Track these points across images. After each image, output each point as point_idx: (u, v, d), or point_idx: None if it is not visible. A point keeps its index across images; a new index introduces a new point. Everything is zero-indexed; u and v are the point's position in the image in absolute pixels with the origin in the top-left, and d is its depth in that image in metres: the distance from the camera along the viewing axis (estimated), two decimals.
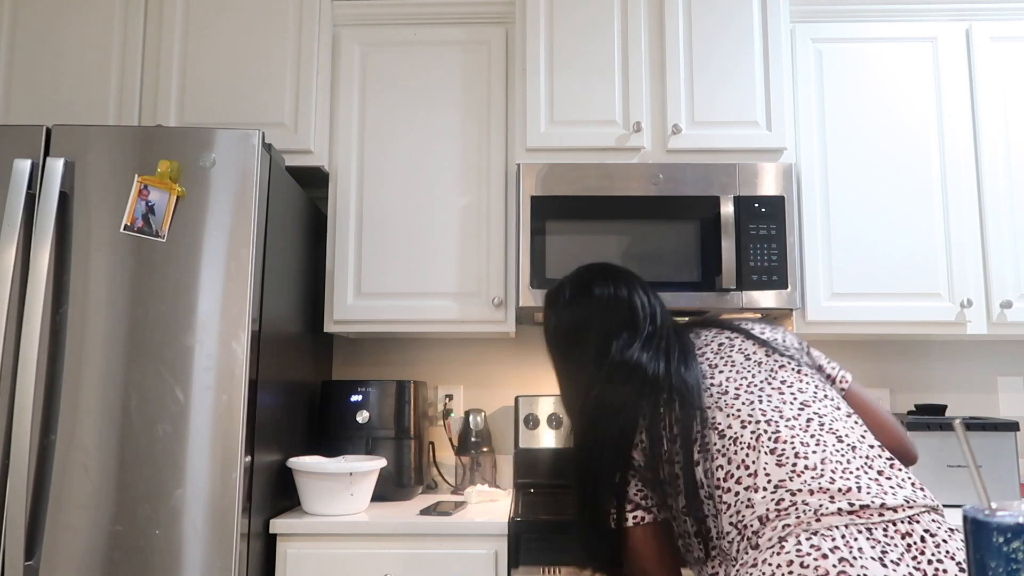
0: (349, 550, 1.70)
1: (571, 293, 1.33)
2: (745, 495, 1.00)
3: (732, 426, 1.07)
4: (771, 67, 2.09)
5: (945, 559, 0.90)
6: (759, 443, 1.03)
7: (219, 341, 1.58)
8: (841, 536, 0.91)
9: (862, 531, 0.92)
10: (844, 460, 1.01)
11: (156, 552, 1.51)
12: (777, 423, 1.05)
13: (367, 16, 2.22)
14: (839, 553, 0.89)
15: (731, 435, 1.06)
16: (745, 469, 1.02)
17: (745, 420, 1.07)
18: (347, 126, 2.16)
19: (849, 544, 0.90)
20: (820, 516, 0.94)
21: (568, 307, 1.32)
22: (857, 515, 0.94)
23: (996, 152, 2.10)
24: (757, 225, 1.99)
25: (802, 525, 0.94)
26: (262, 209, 1.68)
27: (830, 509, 0.94)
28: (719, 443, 1.06)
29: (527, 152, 2.09)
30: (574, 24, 2.12)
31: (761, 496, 0.99)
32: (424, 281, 2.10)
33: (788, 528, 0.94)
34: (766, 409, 1.08)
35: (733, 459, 1.04)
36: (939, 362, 2.37)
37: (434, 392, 2.39)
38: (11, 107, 2.10)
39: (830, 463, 1.00)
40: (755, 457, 1.02)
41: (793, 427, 1.05)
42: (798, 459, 1.01)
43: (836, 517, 0.93)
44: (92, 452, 1.54)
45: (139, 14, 2.14)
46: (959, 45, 2.15)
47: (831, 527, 0.92)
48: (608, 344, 1.21)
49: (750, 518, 0.98)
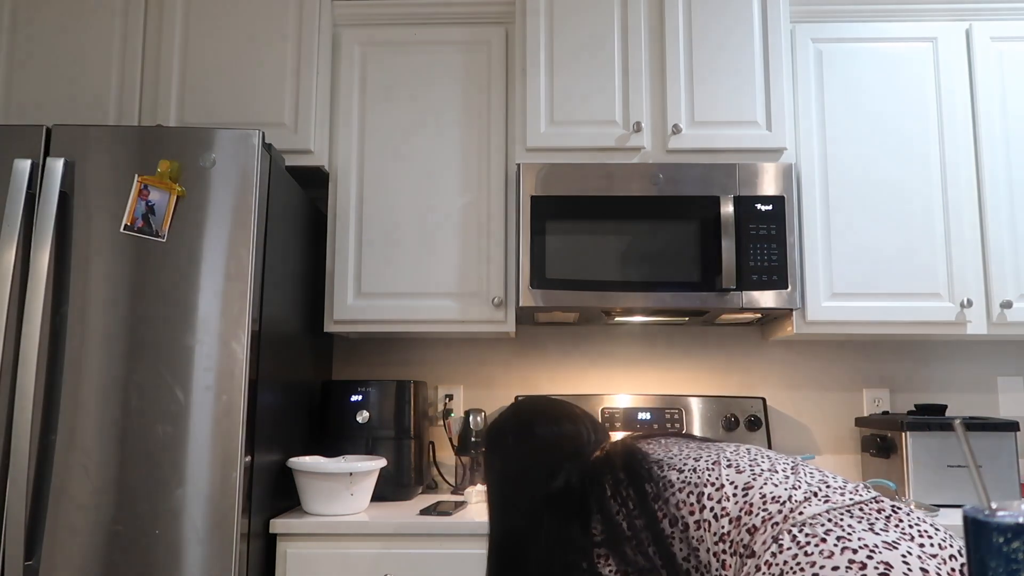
0: (349, 550, 1.70)
1: (514, 437, 1.32)
2: (714, 509, 1.02)
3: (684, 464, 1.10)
4: (771, 67, 2.09)
5: (920, 523, 0.96)
6: (715, 465, 1.07)
7: (219, 341, 1.58)
8: (828, 520, 0.94)
9: (843, 514, 0.96)
10: (791, 464, 1.09)
11: (156, 552, 1.51)
12: (723, 453, 1.12)
13: (367, 16, 2.22)
14: (835, 533, 0.92)
15: (688, 469, 1.09)
16: (709, 486, 1.05)
17: (694, 458, 1.11)
18: (347, 126, 2.16)
19: (839, 524, 0.93)
20: (801, 509, 0.97)
21: (512, 450, 1.31)
22: (831, 502, 0.98)
23: (996, 152, 2.10)
24: (757, 225, 1.99)
25: (788, 521, 0.96)
26: (262, 209, 1.68)
27: (800, 498, 0.98)
28: (671, 479, 1.08)
29: (527, 152, 2.09)
30: (574, 24, 2.12)
31: (733, 502, 1.01)
32: (424, 281, 2.10)
33: (777, 527, 0.96)
34: (703, 453, 1.13)
35: (684, 487, 1.06)
36: (939, 362, 2.37)
37: (434, 392, 2.39)
38: (11, 107, 2.10)
39: (779, 465, 1.08)
40: (717, 473, 1.06)
41: (736, 451, 1.12)
42: (752, 466, 1.06)
43: (814, 506, 0.97)
44: (92, 452, 1.54)
45: (139, 14, 2.14)
46: (959, 45, 2.15)
47: (814, 516, 0.96)
48: (542, 486, 1.22)
49: (733, 531, 0.99)
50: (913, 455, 1.93)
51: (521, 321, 2.30)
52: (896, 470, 1.96)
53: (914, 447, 1.93)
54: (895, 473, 1.96)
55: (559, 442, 1.28)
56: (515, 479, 1.28)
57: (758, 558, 0.95)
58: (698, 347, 2.39)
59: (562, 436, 1.28)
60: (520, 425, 1.33)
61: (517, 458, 1.30)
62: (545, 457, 1.26)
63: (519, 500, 1.26)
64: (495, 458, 1.34)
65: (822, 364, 2.38)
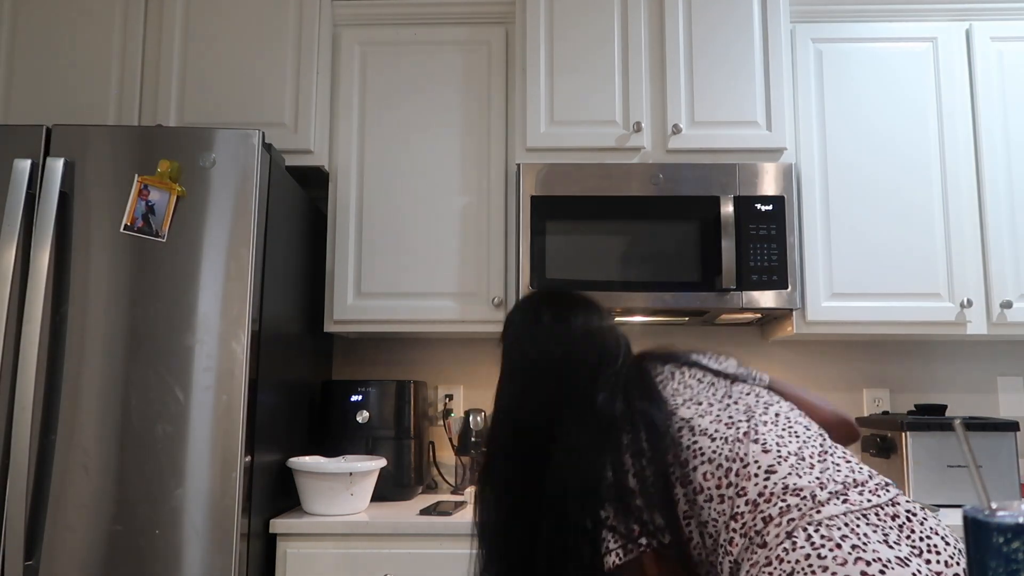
0: (349, 550, 1.70)
1: (549, 318, 1.23)
2: (738, 486, 1.01)
3: (716, 431, 1.07)
4: (771, 67, 2.09)
5: (932, 535, 0.95)
6: (745, 437, 1.04)
7: (219, 341, 1.58)
8: (845, 524, 0.94)
9: (859, 518, 0.95)
10: (818, 448, 1.06)
11: (156, 552, 1.51)
12: (753, 419, 1.07)
13: (367, 16, 2.22)
14: (850, 540, 0.91)
15: (720, 437, 1.06)
16: (737, 462, 1.02)
17: (727, 422, 1.07)
18: (347, 126, 2.16)
19: (855, 531, 0.93)
20: (819, 507, 0.96)
21: (545, 334, 1.21)
22: (850, 503, 0.97)
23: (996, 152, 2.10)
24: (757, 225, 1.99)
25: (805, 518, 0.95)
26: (262, 209, 1.67)
27: (822, 497, 0.97)
28: (703, 447, 1.06)
29: (527, 152, 2.09)
30: (574, 24, 2.12)
31: (754, 484, 1.00)
32: (424, 281, 2.10)
33: (793, 523, 0.95)
34: (735, 414, 1.09)
35: (715, 458, 1.04)
36: (939, 362, 2.37)
37: (434, 392, 2.39)
38: (11, 107, 2.10)
39: (807, 449, 1.05)
40: (745, 449, 1.03)
41: (766, 422, 1.08)
42: (780, 447, 1.04)
43: (832, 506, 0.96)
44: (92, 452, 1.54)
45: (139, 14, 2.14)
46: (959, 45, 2.15)
47: (831, 516, 0.95)
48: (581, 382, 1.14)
49: (748, 514, 0.99)
50: (913, 455, 1.93)
51: None
52: (896, 470, 1.96)
53: (914, 447, 1.93)
54: (895, 473, 1.96)
55: (591, 337, 1.19)
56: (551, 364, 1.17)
57: (769, 549, 0.94)
58: (698, 347, 2.39)
59: (595, 331, 1.20)
60: (557, 309, 1.23)
61: (547, 341, 1.20)
62: (586, 349, 1.17)
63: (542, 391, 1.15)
64: (525, 336, 1.21)
65: (822, 364, 2.38)
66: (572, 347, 1.18)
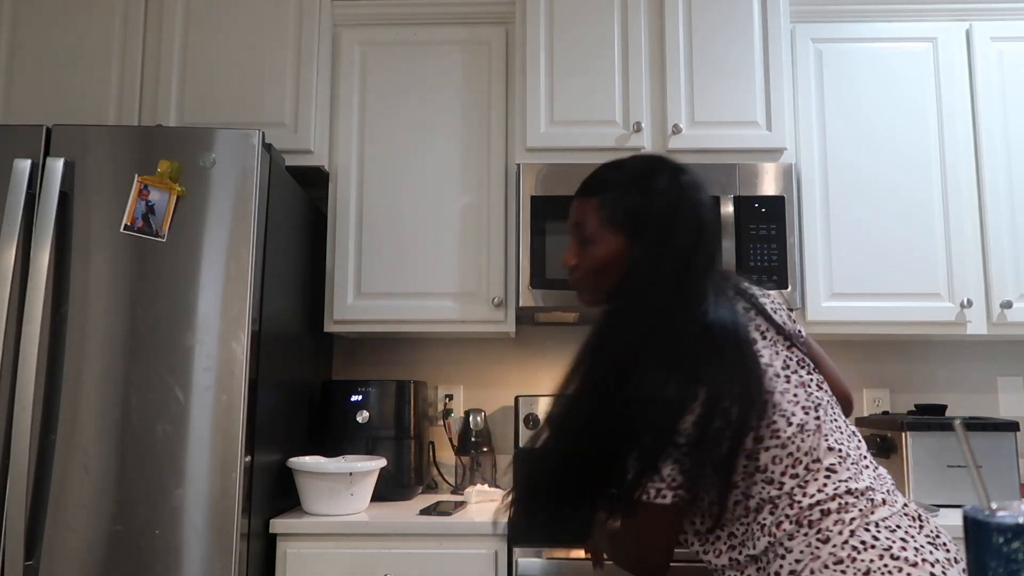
0: (349, 550, 1.70)
1: (688, 180, 1.13)
2: (802, 478, 1.02)
3: (793, 415, 1.06)
4: (771, 67, 2.09)
5: (941, 534, 1.02)
6: (817, 432, 1.06)
7: (219, 341, 1.58)
8: (897, 525, 0.98)
9: (903, 519, 1.00)
10: (864, 450, 1.10)
11: (156, 552, 1.51)
12: (821, 413, 1.08)
13: (367, 16, 2.22)
14: (913, 542, 0.96)
15: (796, 424, 1.05)
16: (808, 456, 1.04)
17: (804, 406, 1.07)
18: (347, 126, 2.16)
19: (910, 533, 0.98)
20: (874, 508, 1.00)
21: (689, 193, 1.12)
22: (891, 505, 1.01)
23: (996, 152, 2.10)
24: (757, 225, 1.99)
25: (865, 516, 0.99)
26: (262, 209, 1.67)
27: (877, 500, 1.01)
28: (779, 428, 1.04)
29: (527, 152, 2.09)
30: (574, 24, 2.12)
31: (814, 479, 1.02)
32: (424, 281, 2.10)
33: (855, 522, 0.98)
34: (803, 399, 1.08)
35: (788, 445, 1.04)
36: (939, 362, 2.37)
37: (434, 392, 2.39)
38: (11, 107, 2.10)
39: (860, 451, 1.09)
40: (816, 443, 1.04)
41: (832, 419, 1.10)
42: (840, 445, 1.06)
43: (883, 508, 1.00)
44: (92, 452, 1.54)
45: (139, 14, 2.14)
46: (959, 45, 2.15)
47: (884, 518, 0.99)
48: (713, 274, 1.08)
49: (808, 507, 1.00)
50: (913, 455, 1.93)
51: (521, 321, 2.29)
52: (896, 470, 1.96)
53: (914, 447, 1.93)
54: (895, 473, 1.96)
55: (716, 224, 1.13)
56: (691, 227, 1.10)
57: (833, 546, 0.96)
58: None
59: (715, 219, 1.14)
60: (693, 179, 1.14)
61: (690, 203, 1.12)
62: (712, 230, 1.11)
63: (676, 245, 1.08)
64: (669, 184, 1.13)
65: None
66: (707, 226, 1.12)
